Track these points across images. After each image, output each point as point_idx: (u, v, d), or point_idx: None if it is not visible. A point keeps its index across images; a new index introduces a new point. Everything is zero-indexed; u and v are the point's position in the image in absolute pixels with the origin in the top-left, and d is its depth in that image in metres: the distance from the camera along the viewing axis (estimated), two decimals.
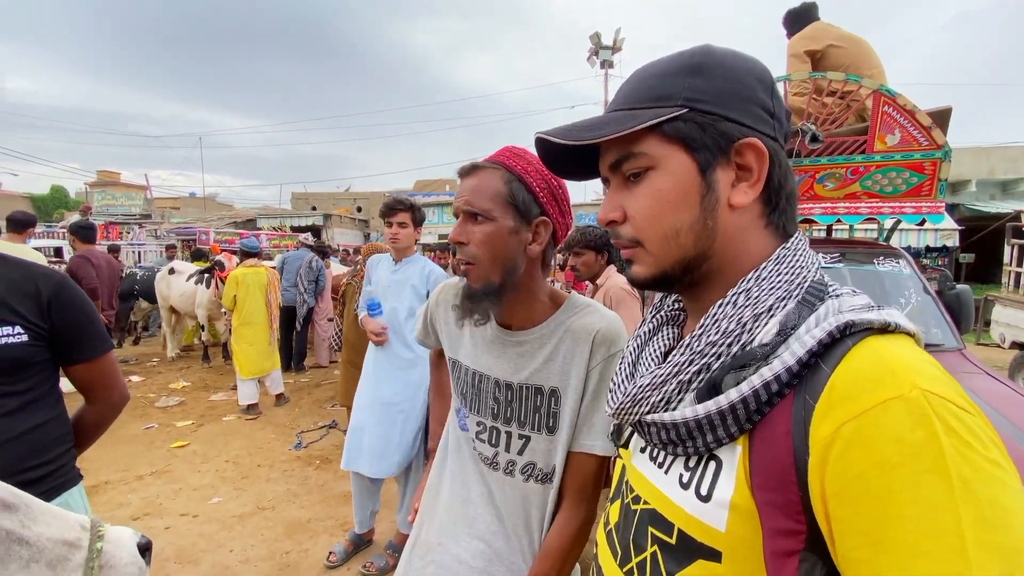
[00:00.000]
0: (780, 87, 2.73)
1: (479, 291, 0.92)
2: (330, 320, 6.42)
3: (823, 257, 2.73)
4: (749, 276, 0.52)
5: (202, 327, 6.61)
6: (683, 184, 0.52)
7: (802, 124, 2.61)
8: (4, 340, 1.09)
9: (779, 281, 0.51)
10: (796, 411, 0.44)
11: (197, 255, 7.46)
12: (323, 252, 6.82)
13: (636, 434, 0.60)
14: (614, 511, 0.63)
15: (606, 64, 18.08)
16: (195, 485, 3.37)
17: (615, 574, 0.59)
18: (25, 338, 1.12)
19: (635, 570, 0.56)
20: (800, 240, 0.55)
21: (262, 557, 2.60)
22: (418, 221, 2.61)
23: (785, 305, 0.49)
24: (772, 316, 0.49)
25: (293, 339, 6.34)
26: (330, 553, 2.56)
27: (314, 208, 22.97)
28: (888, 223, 3.21)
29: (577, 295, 1.03)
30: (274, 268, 5.50)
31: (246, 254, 5.10)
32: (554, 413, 0.95)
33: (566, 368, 0.94)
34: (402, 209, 2.53)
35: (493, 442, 1.00)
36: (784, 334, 0.47)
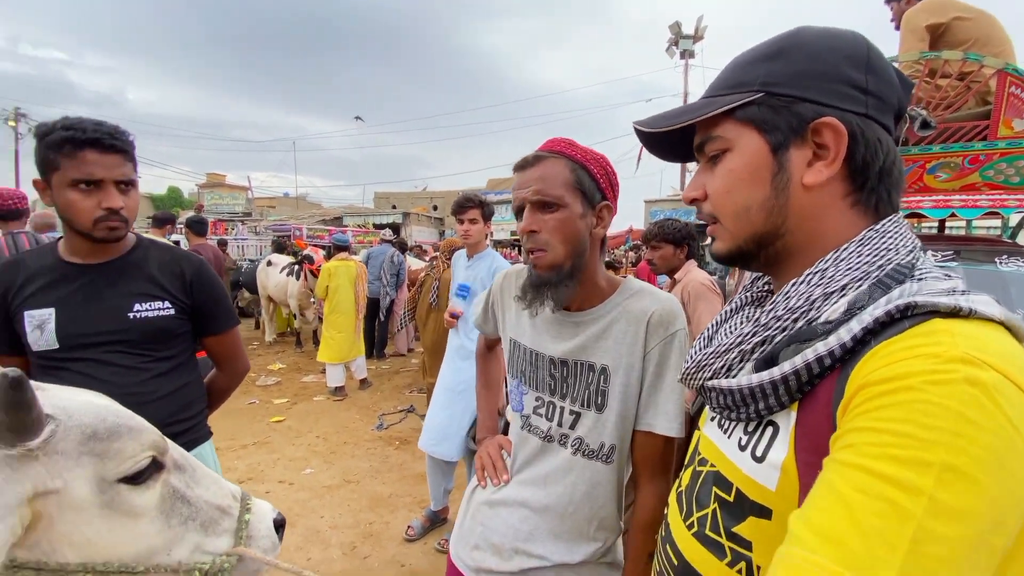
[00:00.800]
0: None
1: (552, 277, 0.95)
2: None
3: (934, 256, 2.50)
4: (828, 256, 0.53)
5: (295, 315, 7.21)
6: (753, 164, 0.55)
7: (911, 109, 2.40)
8: (156, 313, 1.28)
9: (859, 262, 0.51)
10: (839, 381, 0.45)
11: (279, 248, 8.19)
12: (403, 247, 7.18)
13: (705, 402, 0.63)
14: (685, 475, 0.67)
15: (687, 54, 17.42)
16: (291, 456, 3.71)
17: (679, 527, 0.63)
18: (172, 311, 1.30)
19: (695, 523, 0.60)
20: (893, 222, 0.54)
21: (348, 525, 2.83)
22: (487, 216, 2.72)
23: (859, 286, 0.49)
24: (843, 296, 0.50)
25: (376, 328, 6.74)
26: (408, 527, 2.73)
27: (394, 207, 24.11)
28: (1015, 218, 2.86)
29: (632, 279, 1.05)
30: (361, 262, 5.88)
31: (338, 248, 5.50)
32: (603, 391, 0.97)
33: (618, 348, 0.96)
34: (472, 206, 2.64)
35: (548, 416, 1.03)
36: (851, 313, 0.48)
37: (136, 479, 0.67)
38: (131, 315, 1.25)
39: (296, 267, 6.72)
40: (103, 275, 1.26)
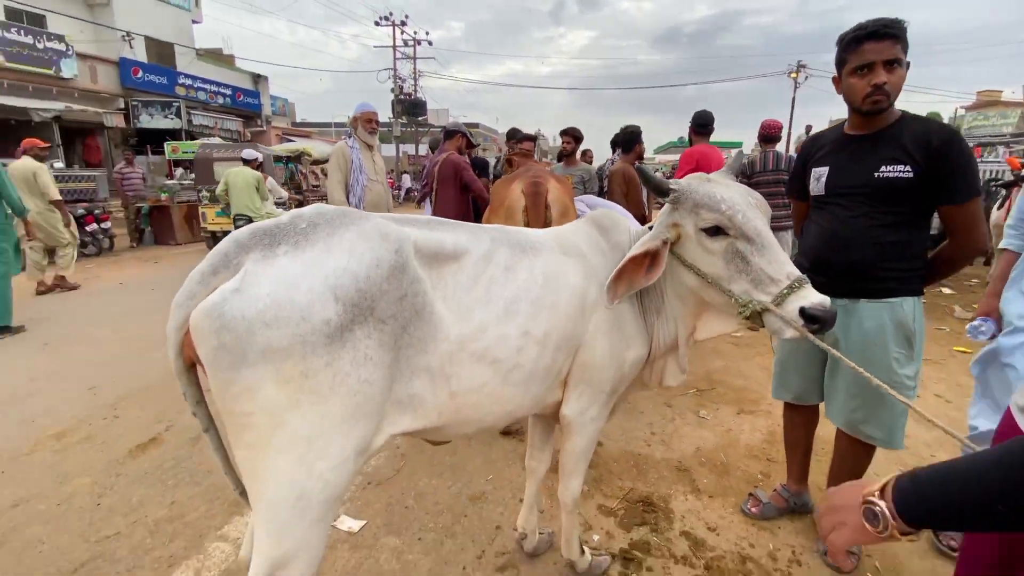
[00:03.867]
0: None
1: None
2: None
3: None
4: None
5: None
6: None
7: None
8: (896, 174, 1.48)
9: None
10: None
11: None
12: None
13: None
14: None
15: None
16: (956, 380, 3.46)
17: None
18: (911, 175, 1.46)
19: None
20: None
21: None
22: None
23: None
24: None
25: None
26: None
27: None
28: None
29: None
30: None
31: None
32: None
33: None
34: None
35: None
36: None
37: (709, 232, 1.16)
38: (876, 175, 1.50)
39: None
40: (866, 143, 1.55)
